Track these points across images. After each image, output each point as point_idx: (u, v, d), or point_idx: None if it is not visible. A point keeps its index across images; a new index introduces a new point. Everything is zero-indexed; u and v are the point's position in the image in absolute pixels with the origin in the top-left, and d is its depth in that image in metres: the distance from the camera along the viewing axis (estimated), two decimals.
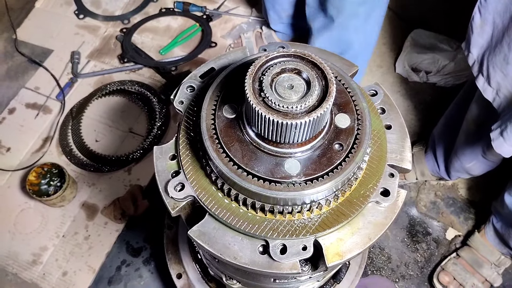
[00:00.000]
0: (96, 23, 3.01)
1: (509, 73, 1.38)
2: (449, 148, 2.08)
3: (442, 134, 2.13)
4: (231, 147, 0.84)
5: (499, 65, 1.40)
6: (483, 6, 1.41)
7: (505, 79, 1.40)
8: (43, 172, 2.20)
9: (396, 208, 0.93)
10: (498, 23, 1.38)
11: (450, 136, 2.05)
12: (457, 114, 1.97)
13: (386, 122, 1.01)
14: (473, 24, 1.47)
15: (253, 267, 0.86)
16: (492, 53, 1.42)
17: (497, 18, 1.38)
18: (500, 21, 1.37)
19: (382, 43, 2.94)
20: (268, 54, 0.79)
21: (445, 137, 2.10)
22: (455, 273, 2.06)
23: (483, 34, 1.45)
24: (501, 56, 1.38)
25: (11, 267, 2.13)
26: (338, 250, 0.88)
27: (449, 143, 2.08)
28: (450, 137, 2.05)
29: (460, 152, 1.99)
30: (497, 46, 1.40)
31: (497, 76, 1.42)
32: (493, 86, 1.45)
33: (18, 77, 2.78)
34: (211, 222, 0.90)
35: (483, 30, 1.44)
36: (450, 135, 2.05)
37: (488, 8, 1.39)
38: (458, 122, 1.95)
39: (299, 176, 0.82)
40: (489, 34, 1.43)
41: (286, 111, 0.75)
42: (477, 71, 1.50)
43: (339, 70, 0.97)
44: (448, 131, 2.08)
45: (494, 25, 1.41)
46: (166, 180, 0.93)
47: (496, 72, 1.42)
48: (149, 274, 2.12)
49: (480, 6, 1.42)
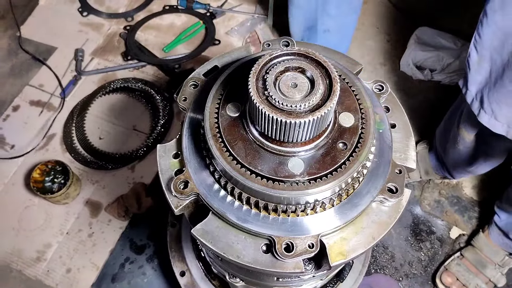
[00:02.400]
0: (100, 20, 3.01)
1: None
2: (449, 153, 2.07)
3: (445, 134, 2.11)
4: (235, 145, 0.84)
5: (503, 100, 1.39)
6: (478, 43, 1.40)
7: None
8: (47, 170, 2.21)
9: (400, 208, 0.92)
10: (496, 58, 1.37)
11: (447, 143, 2.04)
12: (452, 121, 1.96)
13: (391, 121, 1.00)
14: (470, 61, 1.46)
15: (256, 266, 0.86)
16: (493, 89, 1.41)
17: (495, 54, 1.37)
18: (499, 56, 1.36)
19: (387, 41, 2.92)
20: (272, 52, 0.79)
21: (447, 137, 2.09)
22: (458, 273, 2.05)
23: (480, 71, 1.44)
24: (503, 91, 1.37)
25: (15, 264, 2.14)
26: (342, 249, 0.88)
27: (447, 149, 2.06)
28: (447, 144, 2.04)
29: (459, 158, 1.98)
30: (498, 82, 1.38)
31: (505, 111, 1.41)
32: (502, 120, 1.44)
33: (22, 75, 2.78)
34: (215, 221, 0.90)
35: (480, 67, 1.43)
36: (447, 142, 2.04)
37: (483, 44, 1.38)
38: (453, 129, 1.95)
39: (303, 175, 0.81)
40: (487, 71, 1.42)
41: (290, 110, 0.75)
42: (478, 108, 1.49)
43: (343, 69, 0.96)
44: (445, 138, 2.06)
45: (492, 61, 1.40)
46: (169, 178, 0.93)
47: (502, 107, 1.41)
48: (153, 271, 2.12)
49: (475, 43, 1.41)
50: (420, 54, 2.71)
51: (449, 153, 2.06)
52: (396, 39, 2.91)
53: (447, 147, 2.05)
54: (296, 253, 0.83)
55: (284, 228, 0.85)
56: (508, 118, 1.42)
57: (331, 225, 0.86)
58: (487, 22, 1.34)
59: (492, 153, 1.85)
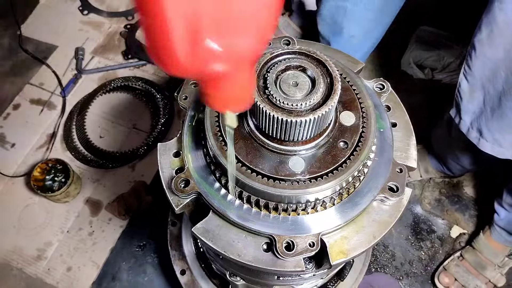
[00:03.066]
0: (100, 19, 3.01)
1: None
2: (448, 150, 2.07)
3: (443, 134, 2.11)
4: (236, 144, 0.84)
5: (507, 129, 1.38)
6: (468, 73, 1.39)
7: None
8: (47, 168, 2.21)
9: (401, 207, 0.92)
10: (489, 88, 1.36)
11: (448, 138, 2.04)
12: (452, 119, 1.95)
13: (392, 120, 1.00)
14: (460, 91, 1.45)
15: (257, 264, 0.86)
16: (491, 119, 1.40)
17: (487, 83, 1.36)
18: (491, 86, 1.35)
19: (388, 40, 2.91)
20: (273, 51, 0.79)
21: (443, 139, 2.09)
22: (457, 274, 2.04)
23: (473, 101, 1.43)
24: (505, 121, 1.36)
25: (16, 262, 2.15)
26: (343, 248, 0.87)
27: (450, 142, 2.06)
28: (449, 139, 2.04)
29: (459, 155, 1.98)
30: (496, 111, 1.37)
31: (508, 137, 1.40)
32: (508, 146, 1.43)
33: (22, 73, 2.78)
34: (215, 219, 0.90)
35: (472, 97, 1.43)
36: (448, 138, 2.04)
37: (474, 75, 1.38)
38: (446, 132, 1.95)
39: (304, 174, 0.81)
40: (480, 100, 1.41)
41: (291, 108, 0.75)
42: (477, 137, 1.48)
43: (344, 68, 0.96)
44: (446, 134, 2.06)
45: (484, 90, 1.38)
46: (170, 177, 0.93)
47: (505, 136, 1.40)
48: (153, 270, 2.13)
49: (465, 73, 1.40)
50: (421, 53, 2.71)
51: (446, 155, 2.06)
52: (397, 38, 2.90)
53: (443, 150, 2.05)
54: (296, 252, 0.83)
55: (284, 227, 0.85)
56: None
57: (332, 224, 0.86)
58: (476, 55, 1.34)
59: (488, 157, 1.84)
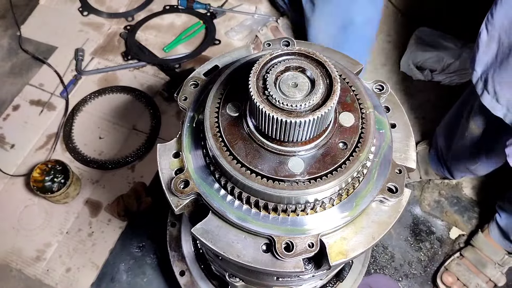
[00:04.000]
0: (100, 20, 3.01)
1: None
2: (452, 148, 2.07)
3: (445, 135, 2.11)
4: (235, 145, 0.84)
5: (506, 81, 1.38)
6: (490, 22, 1.38)
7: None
8: (47, 169, 2.21)
9: (400, 207, 0.92)
10: (504, 39, 1.36)
11: (453, 137, 2.04)
12: (460, 114, 1.96)
13: (391, 121, 1.00)
14: (479, 41, 1.44)
15: (256, 265, 0.86)
16: (498, 71, 1.39)
17: (503, 34, 1.36)
18: (506, 37, 1.35)
19: (387, 41, 2.93)
20: (273, 52, 0.79)
21: (447, 138, 2.09)
22: (458, 273, 2.05)
23: (488, 52, 1.43)
24: (507, 73, 1.36)
25: (15, 263, 2.14)
26: (342, 249, 0.88)
27: (451, 143, 2.06)
28: (453, 138, 2.04)
29: (463, 154, 1.98)
30: (503, 63, 1.37)
31: (506, 93, 1.40)
32: (503, 103, 1.42)
33: (22, 74, 2.79)
34: (215, 220, 0.90)
35: (489, 48, 1.42)
36: (452, 136, 2.04)
37: (494, 25, 1.36)
38: (461, 123, 1.94)
39: (303, 174, 0.81)
40: (494, 51, 1.41)
41: (290, 109, 0.75)
42: (482, 88, 1.48)
43: (344, 68, 0.96)
44: (450, 132, 2.06)
45: (499, 42, 1.38)
46: (170, 177, 0.93)
47: (504, 89, 1.39)
48: (152, 271, 2.12)
49: (487, 23, 1.39)
50: (420, 55, 2.71)
51: (452, 149, 2.05)
52: (397, 39, 2.91)
53: (450, 143, 2.04)
54: (296, 252, 0.83)
55: (284, 228, 0.85)
56: (508, 101, 1.40)
57: (331, 224, 0.86)
58: (501, 2, 1.32)
59: (497, 149, 1.84)
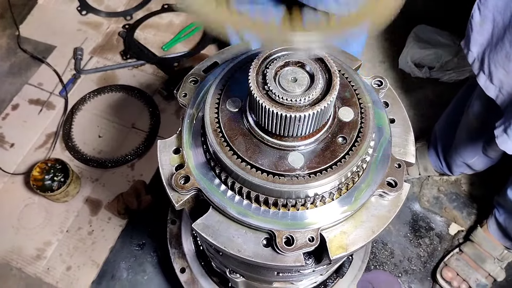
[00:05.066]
0: (99, 19, 3.01)
1: (511, 70, 1.37)
2: (451, 144, 2.08)
3: (444, 130, 2.12)
4: (235, 140, 0.85)
5: (501, 62, 1.39)
6: (482, 3, 1.39)
7: (507, 76, 1.39)
8: (46, 168, 2.21)
9: (400, 202, 0.93)
10: (499, 20, 1.37)
11: (452, 132, 2.04)
12: (458, 110, 1.97)
13: (390, 116, 1.01)
14: (472, 22, 1.45)
15: (257, 259, 0.86)
16: (493, 51, 1.41)
17: (497, 15, 1.37)
18: (501, 18, 1.36)
19: (385, 39, 2.93)
20: None
21: (446, 133, 2.10)
22: (458, 268, 2.06)
23: (483, 32, 1.44)
24: (502, 53, 1.37)
25: (15, 262, 2.15)
26: (342, 243, 0.88)
27: (450, 139, 2.07)
28: (452, 133, 2.04)
29: (462, 148, 1.99)
30: (498, 44, 1.38)
31: (499, 73, 1.41)
32: (496, 83, 1.44)
33: (21, 73, 2.79)
34: (215, 215, 0.90)
35: (482, 28, 1.43)
36: (451, 131, 2.05)
37: (487, 5, 1.38)
38: (460, 118, 1.95)
39: (303, 169, 0.82)
40: (489, 32, 1.42)
41: (290, 104, 0.75)
42: (478, 69, 1.49)
43: (342, 64, 0.97)
44: (449, 127, 2.07)
45: (494, 22, 1.39)
46: (170, 173, 0.94)
47: (498, 69, 1.40)
48: (153, 268, 2.13)
49: (479, 4, 1.40)
50: (419, 52, 2.72)
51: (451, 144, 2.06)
52: (395, 36, 2.91)
53: (449, 137, 2.05)
54: (296, 246, 0.84)
55: (284, 222, 0.86)
56: (501, 82, 1.41)
57: (331, 219, 0.87)
58: None
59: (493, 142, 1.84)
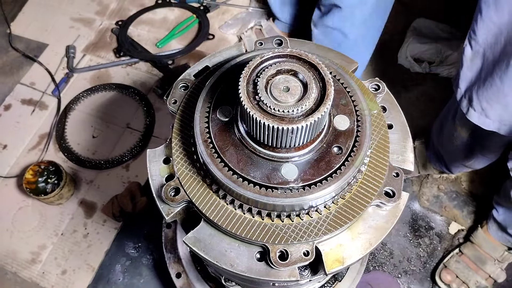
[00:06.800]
0: (91, 15, 2.95)
1: (509, 103, 1.35)
2: (446, 148, 2.05)
3: (441, 130, 2.09)
4: (226, 151, 0.81)
5: (494, 98, 1.37)
6: (473, 38, 1.37)
7: (506, 109, 1.37)
8: (40, 170, 2.17)
9: (398, 212, 0.89)
10: (489, 55, 1.35)
11: (444, 138, 2.02)
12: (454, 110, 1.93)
13: (388, 121, 0.97)
14: (463, 57, 1.43)
15: (250, 274, 0.83)
16: (482, 87, 1.38)
17: (488, 50, 1.35)
18: (491, 53, 1.34)
19: (384, 33, 2.87)
20: (263, 55, 0.75)
21: (443, 133, 2.06)
22: (457, 271, 2.03)
23: (472, 68, 1.42)
24: (493, 90, 1.35)
25: (10, 266, 2.12)
26: (338, 256, 0.85)
27: (444, 143, 2.04)
28: (444, 139, 2.02)
29: (457, 153, 1.97)
30: (487, 80, 1.36)
31: (496, 108, 1.39)
32: (493, 118, 1.42)
33: (13, 73, 2.74)
34: (207, 229, 0.87)
35: (473, 63, 1.41)
36: (443, 137, 2.02)
37: (478, 40, 1.36)
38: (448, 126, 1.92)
39: (297, 181, 0.78)
40: (478, 67, 1.40)
41: (282, 115, 0.71)
42: (467, 106, 1.47)
43: (338, 68, 0.92)
44: (442, 132, 2.04)
45: (484, 57, 1.37)
46: (160, 184, 0.91)
47: (493, 105, 1.39)
48: (149, 272, 2.10)
49: (470, 39, 1.38)
50: (418, 47, 2.67)
51: (446, 149, 2.04)
52: (394, 31, 2.86)
53: (444, 143, 2.03)
54: (291, 261, 0.81)
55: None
56: (500, 116, 1.40)
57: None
58: (482, 18, 1.31)
59: (489, 148, 1.83)
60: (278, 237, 0.82)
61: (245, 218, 0.84)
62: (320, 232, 0.82)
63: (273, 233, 0.83)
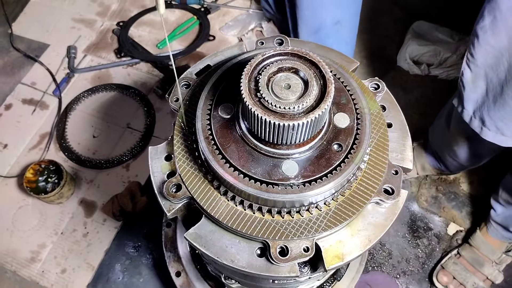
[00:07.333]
0: (92, 16, 2.97)
1: None
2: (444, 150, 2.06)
3: (439, 131, 2.10)
4: (227, 148, 0.82)
5: (508, 117, 1.38)
6: (471, 62, 1.38)
7: None
8: (40, 169, 2.18)
9: (397, 209, 0.90)
10: (492, 76, 1.36)
11: (442, 141, 2.03)
12: (446, 115, 1.95)
13: (387, 120, 0.98)
14: (463, 79, 1.44)
15: (251, 270, 0.84)
16: (493, 108, 1.40)
17: (490, 71, 1.35)
18: (494, 74, 1.34)
19: (384, 36, 2.90)
20: (265, 52, 0.76)
21: (441, 134, 2.08)
22: (455, 272, 2.04)
23: (476, 89, 1.43)
24: (506, 110, 1.36)
25: (9, 265, 2.12)
26: (338, 252, 0.86)
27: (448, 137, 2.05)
28: (442, 142, 2.03)
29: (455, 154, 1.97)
30: (498, 100, 1.37)
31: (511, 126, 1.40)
32: (510, 135, 1.43)
33: (14, 73, 2.74)
34: (208, 225, 0.88)
35: (475, 85, 1.42)
36: (441, 140, 2.03)
37: (477, 63, 1.37)
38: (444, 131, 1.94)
39: (297, 178, 0.79)
40: (483, 89, 1.41)
41: (283, 112, 0.73)
42: (479, 126, 1.48)
43: (338, 67, 0.94)
44: (444, 128, 2.05)
45: (487, 79, 1.38)
46: (161, 181, 0.91)
47: (507, 123, 1.40)
48: (148, 271, 2.11)
49: (468, 62, 1.39)
50: (417, 49, 2.69)
51: (444, 149, 2.05)
52: (393, 33, 2.88)
53: (441, 144, 2.04)
54: (291, 257, 0.82)
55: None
56: None
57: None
58: (479, 42, 1.32)
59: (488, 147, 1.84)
60: (278, 233, 0.83)
61: (246, 214, 0.85)
62: (320, 229, 0.83)
63: (274, 229, 0.84)
